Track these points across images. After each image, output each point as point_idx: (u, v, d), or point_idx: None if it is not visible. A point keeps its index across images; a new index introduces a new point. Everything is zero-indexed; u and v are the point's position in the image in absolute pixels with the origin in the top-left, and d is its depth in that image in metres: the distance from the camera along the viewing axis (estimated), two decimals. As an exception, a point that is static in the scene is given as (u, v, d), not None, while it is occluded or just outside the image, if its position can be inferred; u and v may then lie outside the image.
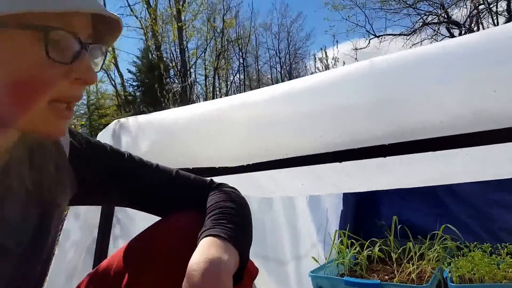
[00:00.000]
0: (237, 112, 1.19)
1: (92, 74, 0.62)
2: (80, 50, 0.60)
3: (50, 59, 0.56)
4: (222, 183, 0.93)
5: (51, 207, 0.75)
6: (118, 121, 1.58)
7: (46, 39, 0.55)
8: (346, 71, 1.01)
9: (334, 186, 1.23)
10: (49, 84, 0.58)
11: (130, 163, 0.89)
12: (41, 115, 0.59)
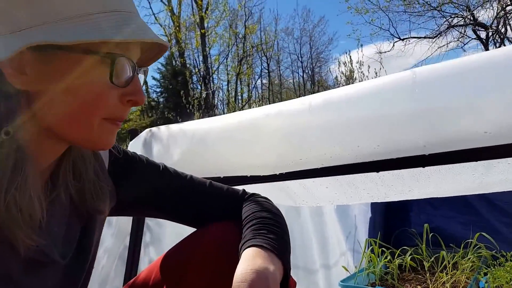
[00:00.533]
0: (271, 121, 1.19)
1: (143, 96, 0.66)
2: (133, 74, 0.64)
3: (111, 83, 0.60)
4: (254, 193, 0.94)
5: (93, 217, 0.78)
6: (149, 130, 1.60)
7: (112, 65, 0.59)
8: (386, 81, 1.00)
9: (369, 196, 1.21)
10: (107, 104, 0.62)
11: (166, 175, 0.90)
12: (94, 131, 0.64)
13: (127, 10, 0.62)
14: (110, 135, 0.67)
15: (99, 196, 0.76)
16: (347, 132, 1.03)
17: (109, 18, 0.59)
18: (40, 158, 0.66)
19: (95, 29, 0.57)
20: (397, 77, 1.01)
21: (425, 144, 0.95)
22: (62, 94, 0.60)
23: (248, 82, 21.11)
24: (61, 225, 0.72)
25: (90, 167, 0.75)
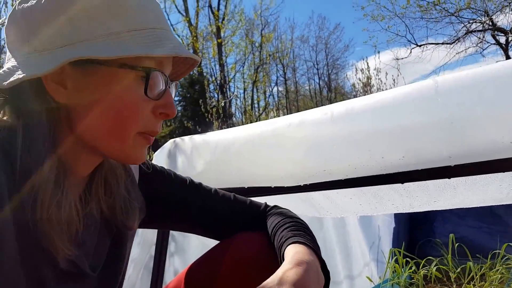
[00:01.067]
0: (293, 131, 1.20)
1: (174, 109, 0.68)
2: (166, 88, 0.66)
3: (146, 96, 0.63)
4: (275, 206, 0.96)
5: (123, 231, 0.79)
6: (173, 140, 1.62)
7: (147, 79, 0.62)
8: (409, 90, 1.00)
9: (394, 207, 1.20)
10: (141, 117, 0.65)
11: (192, 189, 0.92)
12: (129, 145, 0.66)
13: (162, 28, 0.65)
14: (143, 150, 0.69)
15: (128, 212, 0.78)
16: (371, 143, 1.03)
17: (145, 35, 0.61)
18: (77, 171, 0.69)
19: (133, 45, 0.59)
20: (419, 86, 1.00)
21: (450, 155, 0.94)
22: (99, 107, 0.62)
23: (264, 90, 21.16)
24: (92, 239, 0.74)
25: (121, 183, 0.77)
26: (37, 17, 0.61)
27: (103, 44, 0.59)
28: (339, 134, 1.10)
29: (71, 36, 0.59)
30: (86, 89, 0.62)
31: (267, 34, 20.40)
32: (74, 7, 0.60)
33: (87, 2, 0.60)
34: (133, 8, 0.62)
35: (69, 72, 0.61)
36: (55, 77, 0.61)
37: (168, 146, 1.61)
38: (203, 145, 1.48)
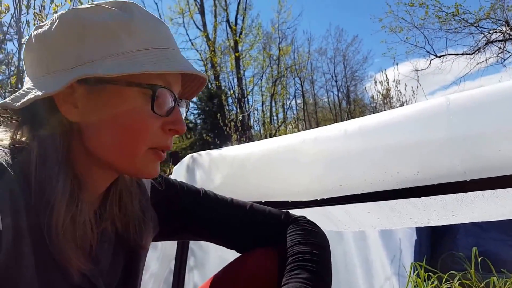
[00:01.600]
0: (311, 146, 1.21)
1: (183, 125, 0.69)
2: (174, 105, 0.67)
3: (153, 112, 0.64)
4: (298, 217, 0.94)
5: (137, 249, 0.80)
6: (191, 155, 1.65)
7: (153, 96, 0.64)
8: (421, 107, 1.01)
9: (412, 221, 1.20)
10: (150, 134, 0.66)
11: (206, 200, 0.93)
12: (140, 160, 0.67)
13: (168, 47, 0.67)
14: (154, 165, 0.70)
15: (142, 231, 0.79)
16: (386, 158, 1.03)
17: (151, 54, 0.64)
18: (91, 187, 0.70)
19: (137, 64, 0.61)
20: (431, 104, 1.01)
21: (465, 171, 0.94)
22: (109, 125, 0.64)
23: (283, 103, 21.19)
24: (107, 256, 0.75)
25: (135, 202, 0.79)
26: (49, 41, 0.64)
27: (110, 63, 0.61)
28: (354, 149, 1.11)
29: (81, 57, 0.62)
30: (96, 108, 0.64)
31: (285, 47, 20.47)
32: (84, 30, 0.63)
33: (96, 25, 0.63)
34: (142, 29, 0.65)
35: (79, 91, 0.63)
36: (66, 97, 0.63)
37: (187, 161, 1.63)
38: (221, 159, 1.50)
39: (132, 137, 0.65)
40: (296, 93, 22.35)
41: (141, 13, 0.67)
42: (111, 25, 0.63)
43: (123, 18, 0.64)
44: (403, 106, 1.13)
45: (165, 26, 0.70)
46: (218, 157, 1.53)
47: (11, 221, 0.56)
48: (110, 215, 0.75)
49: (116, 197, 0.76)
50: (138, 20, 0.65)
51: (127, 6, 0.67)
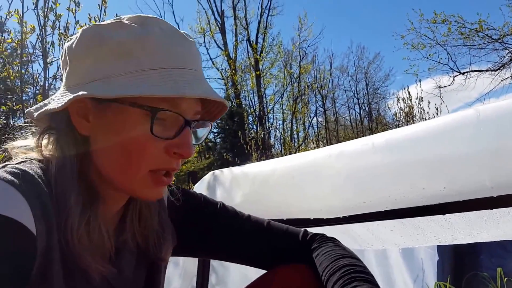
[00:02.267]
0: (332, 162, 1.20)
1: (189, 150, 0.67)
2: (183, 128, 0.66)
3: (153, 135, 0.63)
4: (317, 234, 0.92)
5: (157, 261, 0.81)
6: (213, 173, 1.66)
7: (153, 118, 0.63)
8: (449, 120, 0.99)
9: (436, 239, 1.17)
10: (151, 155, 0.65)
11: (223, 214, 0.92)
12: (141, 182, 0.67)
13: (183, 67, 0.66)
14: (155, 188, 0.68)
15: (161, 245, 0.79)
16: (411, 174, 1.02)
17: (159, 75, 0.63)
18: (109, 201, 0.72)
19: (138, 85, 0.61)
20: (460, 116, 0.99)
21: (492, 186, 0.92)
22: (112, 142, 0.65)
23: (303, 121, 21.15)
24: (130, 268, 0.77)
25: (155, 217, 0.79)
26: (70, 55, 0.68)
27: (115, 83, 0.62)
28: (379, 165, 1.09)
29: (93, 73, 0.64)
30: (103, 124, 0.65)
31: (306, 65, 20.52)
32: (99, 47, 0.65)
33: (111, 42, 0.64)
34: (156, 47, 0.64)
35: (90, 106, 0.66)
36: (79, 111, 0.66)
37: (208, 178, 1.65)
38: (242, 177, 1.51)
39: (132, 159, 0.65)
40: (317, 111, 22.31)
41: (161, 30, 0.66)
42: (125, 43, 0.64)
43: (140, 36, 0.64)
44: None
45: (189, 42, 0.69)
46: (239, 174, 1.54)
47: (44, 227, 0.58)
48: (130, 228, 0.76)
49: (136, 212, 0.77)
50: (154, 37, 0.65)
51: (148, 21, 0.67)
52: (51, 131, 0.69)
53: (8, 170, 0.59)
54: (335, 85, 23.64)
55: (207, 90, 0.66)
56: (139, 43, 0.64)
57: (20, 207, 0.55)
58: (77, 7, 3.07)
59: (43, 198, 0.60)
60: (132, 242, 0.77)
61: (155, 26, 0.67)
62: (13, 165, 0.61)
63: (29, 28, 3.01)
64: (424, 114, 8.73)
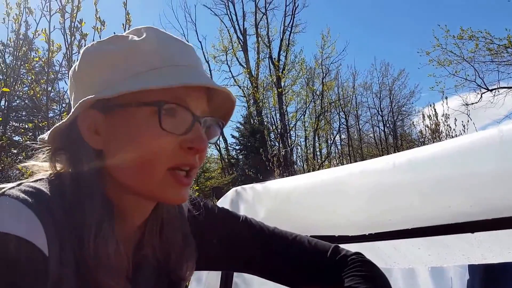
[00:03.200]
0: (355, 180, 1.19)
1: (202, 143, 0.67)
2: (194, 122, 0.66)
3: (164, 130, 0.63)
4: (349, 254, 0.88)
5: (178, 279, 0.80)
6: (235, 189, 1.66)
7: (160, 112, 0.63)
8: (474, 139, 0.97)
9: (465, 258, 1.14)
10: (165, 152, 0.65)
11: (247, 227, 0.89)
12: (161, 182, 0.66)
13: (182, 64, 0.67)
14: (179, 187, 0.67)
15: (182, 263, 0.78)
16: (437, 191, 1.00)
17: (157, 72, 0.64)
18: (128, 215, 0.71)
19: (139, 82, 0.62)
20: (483, 135, 0.97)
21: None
22: (126, 148, 0.65)
23: (326, 138, 21.05)
24: (149, 283, 0.76)
25: (177, 232, 0.78)
26: (75, 75, 0.71)
27: (116, 86, 0.63)
28: (403, 183, 1.08)
29: (96, 86, 0.66)
30: (114, 132, 0.66)
31: (329, 82, 20.53)
32: (98, 60, 0.67)
33: (109, 53, 0.67)
34: (152, 49, 0.66)
35: (99, 119, 0.66)
36: (89, 125, 0.67)
37: (230, 194, 1.65)
38: (264, 193, 1.50)
39: (147, 158, 0.64)
40: (341, 128, 22.17)
41: (155, 35, 0.68)
42: (123, 50, 0.66)
43: (135, 42, 0.67)
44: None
45: (185, 45, 0.71)
46: (262, 190, 1.53)
47: (57, 248, 0.58)
48: (150, 243, 0.75)
49: (157, 226, 0.77)
50: (150, 40, 0.67)
51: (144, 29, 0.70)
52: (64, 150, 0.69)
53: (23, 189, 0.59)
54: (359, 102, 23.50)
55: (208, 81, 0.66)
56: (135, 49, 0.66)
57: (33, 228, 0.55)
58: (102, 25, 3.17)
59: (58, 218, 0.60)
60: (152, 258, 0.76)
61: (149, 32, 0.69)
62: (28, 184, 0.62)
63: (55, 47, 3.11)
64: (450, 131, 8.55)
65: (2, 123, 3.24)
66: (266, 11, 21.12)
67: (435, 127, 8.80)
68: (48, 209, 0.59)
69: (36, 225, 0.55)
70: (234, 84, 20.93)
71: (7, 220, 0.53)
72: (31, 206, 0.56)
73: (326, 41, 20.15)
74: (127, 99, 0.63)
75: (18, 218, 0.55)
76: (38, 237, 0.55)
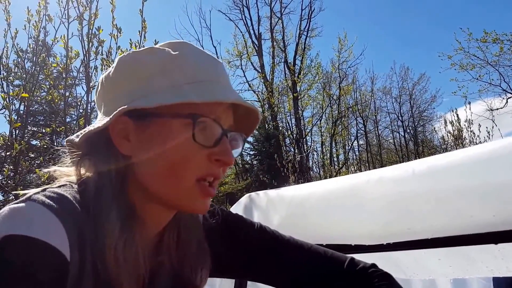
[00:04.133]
0: (373, 188, 1.16)
1: (231, 157, 0.69)
2: (222, 136, 0.67)
3: (196, 142, 0.65)
4: (366, 266, 0.86)
5: (192, 284, 0.79)
6: (249, 195, 1.64)
7: (194, 125, 0.65)
8: (497, 146, 0.94)
9: (488, 270, 1.09)
10: (195, 164, 0.66)
11: (262, 235, 0.88)
12: (188, 192, 0.67)
13: (215, 81, 0.69)
14: (202, 199, 0.69)
15: (197, 270, 0.78)
16: (458, 200, 0.96)
17: (194, 86, 0.66)
18: (149, 222, 0.72)
19: (179, 95, 0.64)
20: (507, 142, 0.94)
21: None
22: (157, 157, 0.66)
23: (344, 144, 20.85)
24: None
25: (193, 240, 0.79)
26: (109, 82, 0.71)
27: (153, 97, 0.65)
28: (423, 190, 1.04)
29: (132, 94, 0.67)
30: (145, 140, 0.67)
31: (346, 87, 20.31)
32: (135, 69, 0.69)
33: (146, 63, 0.68)
34: (189, 63, 0.68)
35: (130, 126, 0.67)
36: (120, 131, 0.67)
37: (244, 200, 1.63)
38: (278, 200, 1.48)
39: (177, 168, 0.66)
40: (358, 134, 21.92)
41: (190, 50, 0.71)
42: (160, 62, 0.68)
43: (171, 55, 0.69)
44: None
45: (217, 62, 0.73)
46: (275, 197, 1.51)
47: (78, 253, 0.59)
48: (166, 250, 0.76)
49: (175, 233, 0.77)
50: (186, 55, 0.69)
51: (179, 44, 0.72)
52: (91, 154, 0.70)
53: (48, 195, 0.61)
54: (378, 107, 23.20)
55: (240, 98, 0.68)
56: (172, 62, 0.68)
57: (56, 233, 0.57)
58: (119, 33, 3.20)
59: (80, 224, 0.61)
60: (168, 265, 0.76)
61: (185, 46, 0.72)
62: (52, 189, 0.63)
63: (73, 53, 3.16)
64: (474, 137, 8.33)
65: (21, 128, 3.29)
66: (282, 16, 21.08)
67: (458, 133, 8.58)
68: (71, 214, 0.60)
69: (59, 230, 0.57)
70: (249, 89, 20.91)
71: (32, 224, 0.55)
72: (55, 211, 0.58)
73: (343, 45, 19.97)
74: (162, 109, 0.65)
75: (42, 222, 0.56)
76: (60, 242, 0.56)
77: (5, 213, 0.57)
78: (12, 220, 0.56)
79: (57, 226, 0.57)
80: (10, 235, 0.53)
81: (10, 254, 0.53)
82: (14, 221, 0.55)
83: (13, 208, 0.57)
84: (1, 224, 0.55)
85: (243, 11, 21.42)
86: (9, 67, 3.31)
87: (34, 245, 0.54)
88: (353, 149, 21.51)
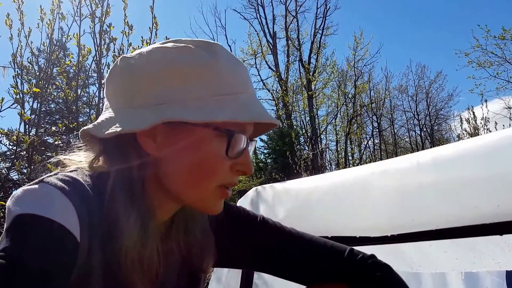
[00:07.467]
0: (377, 179, 1.15)
1: (251, 167, 0.72)
2: (245, 147, 0.70)
3: (226, 155, 0.67)
4: (367, 258, 0.88)
5: (199, 272, 0.82)
6: (255, 189, 1.64)
7: (230, 140, 0.67)
8: (502, 136, 0.91)
9: (496, 263, 1.07)
10: (221, 172, 0.69)
11: (265, 226, 0.91)
12: (208, 196, 0.70)
13: (246, 92, 0.70)
14: (220, 202, 0.73)
15: (204, 255, 0.81)
16: (462, 191, 0.94)
17: (231, 100, 0.66)
18: (159, 216, 0.73)
19: (221, 110, 0.65)
20: (509, 133, 0.92)
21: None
22: (184, 162, 0.67)
23: (359, 142, 20.65)
24: (173, 278, 0.78)
25: (198, 228, 0.81)
26: (136, 75, 0.67)
27: (193, 107, 0.64)
28: (427, 182, 1.03)
29: (163, 96, 0.65)
30: (174, 144, 0.67)
31: (361, 85, 20.12)
32: (170, 70, 0.66)
33: (182, 66, 0.66)
34: (225, 72, 0.68)
35: (160, 128, 0.67)
36: (147, 131, 0.66)
37: (251, 194, 1.63)
38: (284, 193, 1.48)
39: (205, 176, 0.68)
40: (374, 132, 21.68)
41: (225, 56, 0.70)
42: (196, 67, 0.66)
43: (208, 61, 0.67)
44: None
45: (244, 67, 0.73)
46: (282, 190, 1.51)
47: (88, 236, 0.60)
48: (175, 238, 0.78)
49: (183, 223, 0.79)
50: (222, 63, 0.68)
51: (213, 47, 0.70)
52: (112, 147, 0.69)
53: (60, 178, 0.62)
54: (393, 106, 22.91)
55: (269, 116, 0.70)
56: (209, 68, 0.67)
57: (68, 214, 0.58)
58: (130, 30, 3.23)
59: (92, 208, 0.62)
60: (176, 251, 0.78)
61: (219, 51, 0.70)
62: (65, 173, 0.64)
63: (86, 51, 3.20)
64: (491, 136, 8.14)
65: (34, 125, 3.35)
66: (297, 14, 20.98)
67: (474, 132, 8.42)
68: (83, 199, 0.61)
69: (71, 211, 0.58)
70: (263, 87, 20.85)
71: (44, 204, 0.57)
72: (68, 193, 0.59)
73: (359, 43, 19.79)
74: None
75: (54, 203, 0.58)
76: (72, 223, 0.57)
77: (19, 194, 0.58)
78: (25, 199, 0.57)
79: (68, 207, 0.58)
80: (24, 214, 0.55)
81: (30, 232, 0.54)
82: (26, 201, 0.57)
83: (27, 190, 0.59)
84: (15, 204, 0.57)
85: (258, 10, 21.41)
86: (23, 65, 3.37)
87: (43, 223, 0.55)
88: (368, 148, 21.29)
